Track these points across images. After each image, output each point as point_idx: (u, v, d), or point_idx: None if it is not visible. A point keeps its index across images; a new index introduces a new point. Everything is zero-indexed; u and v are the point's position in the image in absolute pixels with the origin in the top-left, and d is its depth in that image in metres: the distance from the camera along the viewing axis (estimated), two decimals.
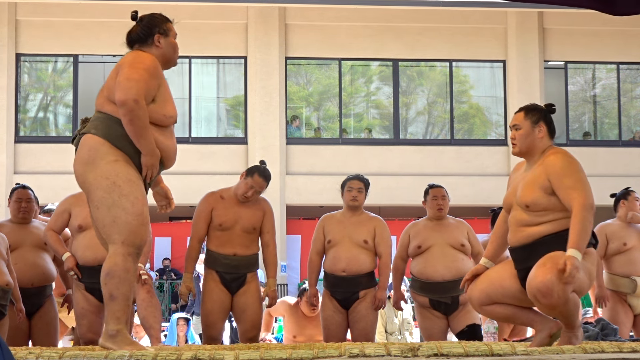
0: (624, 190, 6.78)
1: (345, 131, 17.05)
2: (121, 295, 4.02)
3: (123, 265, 4.01)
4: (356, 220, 6.09)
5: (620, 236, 6.52)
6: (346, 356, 3.63)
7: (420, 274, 6.06)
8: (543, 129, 4.39)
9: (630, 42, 16.99)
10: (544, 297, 4.04)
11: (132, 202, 4.06)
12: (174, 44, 4.38)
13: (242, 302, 5.83)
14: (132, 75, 4.10)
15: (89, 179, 4.10)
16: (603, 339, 4.94)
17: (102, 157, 4.10)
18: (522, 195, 4.31)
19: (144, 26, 4.36)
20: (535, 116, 4.40)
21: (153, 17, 4.42)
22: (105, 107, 4.19)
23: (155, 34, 4.33)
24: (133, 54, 4.26)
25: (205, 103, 17.07)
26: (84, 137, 4.19)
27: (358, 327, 6.00)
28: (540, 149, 4.38)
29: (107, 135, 4.12)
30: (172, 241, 16.40)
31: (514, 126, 4.43)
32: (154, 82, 4.19)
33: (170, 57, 4.38)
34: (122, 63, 4.20)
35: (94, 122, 4.19)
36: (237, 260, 5.82)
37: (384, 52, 16.88)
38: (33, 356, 3.81)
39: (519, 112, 4.45)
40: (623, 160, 16.73)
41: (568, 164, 4.28)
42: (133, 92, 4.06)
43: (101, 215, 4.06)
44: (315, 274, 6.15)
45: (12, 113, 16.17)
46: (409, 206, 15.49)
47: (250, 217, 5.85)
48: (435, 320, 6.06)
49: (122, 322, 4.02)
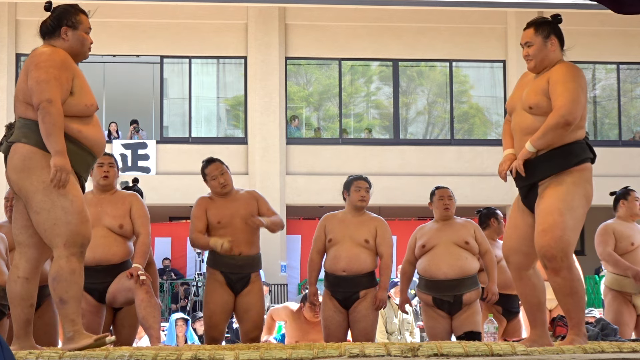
0: (624, 190, 6.75)
1: (345, 131, 17.05)
2: (71, 298, 4.03)
3: (68, 267, 4.02)
4: (358, 220, 6.09)
5: (627, 236, 6.50)
6: (346, 356, 3.63)
7: (424, 272, 6.08)
8: (555, 41, 4.41)
9: (630, 42, 17.00)
10: (549, 261, 4.19)
11: (71, 200, 4.04)
12: (82, 37, 4.26)
13: (245, 302, 5.84)
14: (40, 77, 4.05)
15: (26, 186, 4.07)
16: (603, 339, 4.94)
17: (36, 164, 4.07)
18: (526, 97, 4.35)
19: (53, 18, 4.28)
20: (545, 30, 4.41)
21: (63, 8, 4.29)
22: (29, 114, 4.13)
23: (63, 26, 4.24)
24: (37, 52, 4.18)
25: (205, 103, 17.07)
26: (14, 146, 4.13)
27: (358, 327, 5.99)
28: (553, 61, 4.39)
29: (38, 142, 4.09)
30: (172, 241, 16.40)
31: (526, 43, 4.43)
32: (66, 76, 4.11)
33: (78, 50, 4.25)
34: (29, 64, 4.14)
35: (22, 130, 4.13)
36: (242, 259, 5.83)
37: (384, 52, 16.88)
38: (33, 356, 3.81)
39: (529, 29, 4.44)
40: (623, 160, 16.73)
41: (569, 72, 4.30)
42: (45, 94, 4.02)
43: (42, 219, 4.04)
44: (315, 272, 6.15)
45: (12, 113, 16.15)
46: (409, 206, 15.51)
47: (245, 206, 5.87)
48: (440, 320, 6.07)
49: (77, 323, 4.05)
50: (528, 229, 4.39)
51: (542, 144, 4.25)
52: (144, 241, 5.45)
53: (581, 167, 4.33)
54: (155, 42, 16.43)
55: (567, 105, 4.20)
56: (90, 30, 4.29)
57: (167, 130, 16.88)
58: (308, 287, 6.20)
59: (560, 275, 4.19)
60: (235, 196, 5.94)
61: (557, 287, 4.23)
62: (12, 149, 4.15)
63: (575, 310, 4.21)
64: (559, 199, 4.23)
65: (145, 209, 5.56)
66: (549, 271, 4.23)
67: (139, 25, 16.39)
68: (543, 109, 4.29)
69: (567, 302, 4.22)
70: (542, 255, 4.22)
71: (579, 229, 4.30)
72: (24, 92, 4.15)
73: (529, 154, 4.27)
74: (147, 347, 4.75)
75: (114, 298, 5.41)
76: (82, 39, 4.26)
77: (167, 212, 16.72)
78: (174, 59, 16.74)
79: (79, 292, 4.06)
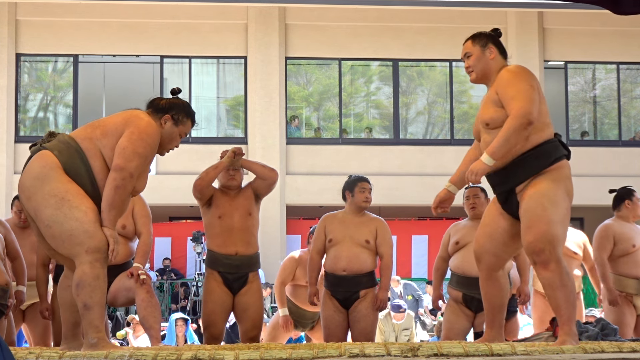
0: (627, 189, 6.57)
1: (345, 131, 17.05)
2: (95, 304, 4.00)
3: (91, 272, 3.98)
4: (358, 220, 6.10)
5: (628, 237, 6.38)
6: (346, 356, 3.63)
7: (457, 268, 6.09)
8: (493, 49, 4.43)
9: (630, 42, 16.99)
10: (537, 255, 4.14)
11: (84, 211, 4.01)
12: (175, 135, 4.28)
13: (244, 301, 5.84)
14: (139, 149, 4.07)
15: (37, 198, 4.03)
16: (603, 339, 4.93)
17: (53, 177, 4.04)
18: (480, 115, 4.36)
19: (167, 102, 4.31)
20: (482, 40, 4.45)
21: (181, 103, 4.34)
22: (85, 143, 4.12)
23: (168, 114, 4.27)
24: (146, 119, 4.19)
25: (205, 103, 17.07)
26: (43, 152, 4.11)
27: (358, 327, 5.99)
28: (495, 69, 4.40)
29: (66, 164, 4.06)
30: (172, 241, 16.40)
31: (465, 54, 4.47)
32: (150, 159, 4.18)
33: (164, 143, 4.28)
34: (134, 123, 4.14)
35: (61, 145, 4.11)
36: (239, 259, 5.83)
37: (384, 52, 16.88)
38: (33, 356, 3.81)
39: (467, 41, 4.50)
40: (623, 160, 16.72)
41: (514, 75, 4.29)
42: (133, 165, 4.04)
43: (56, 232, 4.00)
44: (315, 272, 6.15)
45: (12, 113, 16.17)
46: (408, 206, 15.51)
47: (244, 201, 5.89)
48: (462, 317, 6.08)
49: (101, 329, 4.03)
50: (502, 233, 4.41)
51: (503, 152, 4.19)
52: (146, 241, 5.46)
53: (557, 165, 4.29)
54: (155, 42, 16.42)
55: (523, 107, 4.16)
56: (185, 137, 4.32)
57: None
58: (309, 287, 6.19)
59: (549, 269, 4.15)
60: (238, 193, 5.95)
61: (547, 282, 4.18)
62: (38, 154, 4.12)
63: (566, 304, 4.17)
64: (540, 195, 4.20)
65: (147, 209, 5.58)
66: (537, 267, 4.18)
67: (139, 25, 16.39)
68: (500, 120, 4.26)
69: (558, 297, 4.17)
70: (531, 251, 4.18)
71: (565, 224, 4.26)
72: (105, 129, 4.11)
73: (486, 168, 4.22)
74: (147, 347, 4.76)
75: (114, 298, 5.42)
76: (174, 137, 4.28)
77: (167, 212, 16.72)
78: (174, 59, 16.73)
79: (102, 297, 4.03)
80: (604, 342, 4.16)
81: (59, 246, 4.04)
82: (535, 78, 4.34)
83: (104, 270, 4.04)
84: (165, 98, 4.33)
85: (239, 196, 5.92)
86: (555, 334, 4.98)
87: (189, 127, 4.32)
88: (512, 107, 4.19)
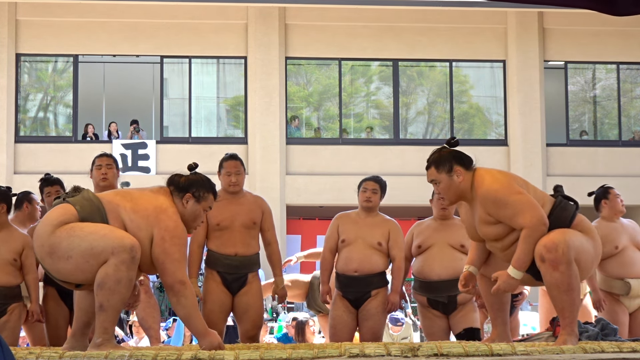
0: (602, 189, 6.58)
1: (345, 131, 17.05)
2: (110, 307, 3.99)
3: (114, 275, 3.97)
4: (371, 221, 6.08)
5: (611, 239, 6.36)
6: (346, 356, 3.63)
7: (418, 273, 6.06)
8: (460, 171, 4.32)
9: (630, 42, 16.99)
10: (549, 252, 4.10)
11: (97, 226, 4.03)
12: (199, 212, 4.26)
13: (243, 302, 5.83)
14: (174, 255, 4.07)
15: (50, 241, 4.05)
16: (603, 339, 4.93)
17: (68, 225, 4.06)
18: (485, 235, 4.32)
19: (187, 179, 4.28)
20: (446, 165, 4.33)
21: (201, 179, 4.31)
22: (109, 205, 4.12)
23: (189, 192, 4.25)
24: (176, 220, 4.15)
25: (205, 103, 17.07)
26: (65, 204, 4.14)
27: (367, 325, 5.97)
28: (467, 188, 4.32)
29: (85, 219, 4.08)
30: None
31: (432, 181, 4.38)
32: (185, 249, 4.19)
33: (188, 222, 4.24)
34: (164, 223, 4.11)
35: (84, 202, 4.13)
36: (238, 260, 5.81)
37: (384, 52, 16.88)
38: (33, 356, 3.81)
39: (430, 169, 4.38)
40: (623, 160, 16.72)
41: (497, 193, 4.22)
42: (179, 274, 4.05)
43: (78, 257, 4.00)
44: (328, 272, 6.11)
45: (12, 113, 16.17)
46: (409, 206, 15.49)
47: (247, 212, 5.84)
48: (435, 320, 6.04)
49: (109, 332, 4.02)
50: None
51: (528, 261, 4.19)
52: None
53: (575, 223, 4.29)
54: (155, 42, 16.42)
55: (533, 216, 4.16)
56: (209, 210, 4.31)
57: (167, 130, 16.88)
58: (321, 286, 6.15)
59: (559, 270, 4.11)
60: (241, 199, 5.90)
61: (554, 283, 4.14)
62: (60, 205, 4.15)
63: (570, 308, 4.16)
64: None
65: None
66: (546, 264, 4.13)
67: (139, 25, 16.39)
68: (506, 232, 4.25)
69: (563, 300, 4.15)
70: (543, 245, 4.14)
71: (587, 251, 4.25)
72: (140, 219, 4.10)
73: (517, 282, 4.22)
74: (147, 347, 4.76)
75: None
76: (198, 215, 4.26)
77: None
78: (174, 59, 16.73)
79: (119, 302, 4.02)
80: (604, 342, 4.16)
81: (84, 265, 4.02)
82: (512, 176, 4.33)
83: (129, 273, 4.01)
84: (185, 175, 4.30)
85: (243, 203, 5.88)
86: (555, 334, 4.98)
87: (211, 201, 4.29)
88: (520, 223, 4.17)
